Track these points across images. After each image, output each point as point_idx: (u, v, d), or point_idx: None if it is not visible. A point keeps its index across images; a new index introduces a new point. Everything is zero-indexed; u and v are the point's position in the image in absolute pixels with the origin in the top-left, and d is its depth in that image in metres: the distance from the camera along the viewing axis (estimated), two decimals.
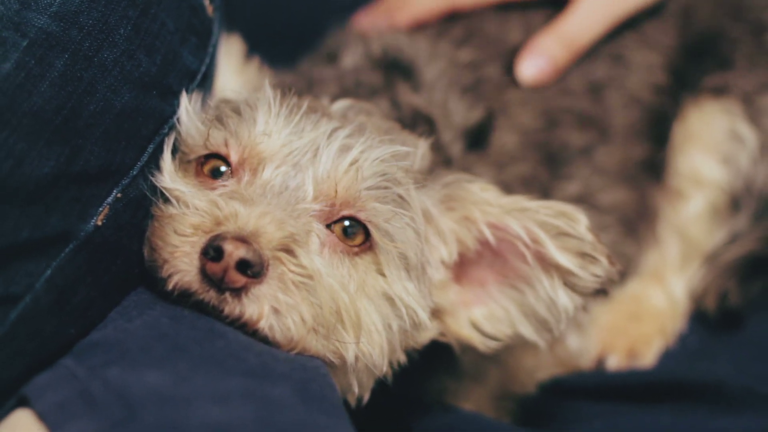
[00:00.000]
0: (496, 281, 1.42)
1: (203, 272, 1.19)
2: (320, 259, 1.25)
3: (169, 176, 1.29)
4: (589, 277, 1.36)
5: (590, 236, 1.35)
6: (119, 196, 1.23)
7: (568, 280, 1.37)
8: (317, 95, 1.52)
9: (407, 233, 1.32)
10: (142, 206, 1.27)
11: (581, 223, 1.35)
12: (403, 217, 1.32)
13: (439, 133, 1.61)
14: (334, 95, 1.54)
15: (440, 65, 1.75)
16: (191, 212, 1.25)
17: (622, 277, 1.71)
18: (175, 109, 1.32)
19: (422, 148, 1.45)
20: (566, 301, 1.38)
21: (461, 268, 1.43)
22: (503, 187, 1.46)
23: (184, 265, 1.21)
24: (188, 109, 1.33)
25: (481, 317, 1.41)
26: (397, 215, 1.31)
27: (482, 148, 1.69)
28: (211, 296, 1.20)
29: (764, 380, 1.62)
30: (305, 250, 1.24)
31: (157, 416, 1.00)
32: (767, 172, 1.85)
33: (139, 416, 1.00)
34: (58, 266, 1.16)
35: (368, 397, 1.37)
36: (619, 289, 1.85)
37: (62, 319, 1.18)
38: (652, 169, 1.87)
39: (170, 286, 1.21)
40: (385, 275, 1.31)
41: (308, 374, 1.16)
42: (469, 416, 1.58)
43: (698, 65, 1.90)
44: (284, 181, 1.29)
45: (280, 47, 1.83)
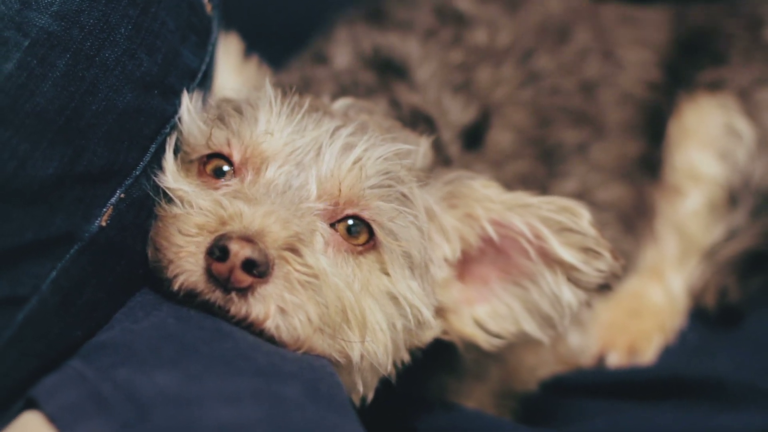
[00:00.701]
0: (499, 278, 1.42)
1: (209, 272, 1.18)
2: (325, 258, 1.25)
3: (171, 176, 1.29)
4: (592, 272, 1.36)
5: (593, 231, 1.35)
6: (122, 196, 1.22)
7: (571, 275, 1.37)
8: (317, 94, 1.52)
9: (411, 231, 1.32)
10: (145, 206, 1.27)
11: (584, 218, 1.35)
12: (406, 215, 1.32)
13: (439, 131, 1.60)
14: (333, 94, 1.54)
15: (432, 65, 1.75)
16: (195, 212, 1.24)
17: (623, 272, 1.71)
18: (176, 108, 1.31)
19: (424, 146, 1.45)
20: (570, 296, 1.38)
21: (464, 266, 1.42)
22: (502, 185, 1.46)
23: (189, 265, 1.20)
24: (189, 108, 1.33)
25: (484, 315, 1.41)
26: (400, 213, 1.31)
27: (479, 147, 1.69)
28: (217, 296, 1.19)
29: (765, 376, 1.63)
30: (310, 249, 1.23)
31: (168, 417, 0.99)
32: (765, 167, 1.86)
33: (150, 417, 0.99)
34: (63, 267, 1.15)
35: (372, 396, 1.36)
36: (618, 286, 1.85)
37: (68, 320, 1.17)
38: (648, 165, 1.87)
39: (176, 286, 1.21)
40: (389, 274, 1.31)
41: (316, 373, 1.16)
42: (471, 414, 1.58)
43: (693, 61, 1.90)
44: (288, 180, 1.29)
45: (275, 46, 1.82)
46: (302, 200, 1.27)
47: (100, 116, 1.18)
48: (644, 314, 1.85)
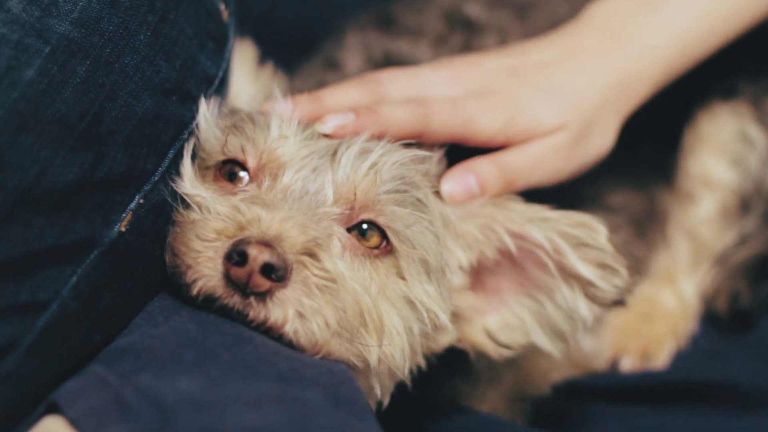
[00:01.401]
0: (511, 290, 1.42)
1: (227, 277, 1.19)
2: (342, 262, 1.25)
3: (189, 182, 1.30)
4: (609, 288, 1.36)
5: (610, 247, 1.35)
6: (141, 201, 1.23)
7: (588, 290, 1.37)
8: None
9: (426, 237, 1.33)
10: (163, 212, 1.27)
11: (601, 233, 1.35)
12: (422, 220, 1.32)
13: None
14: None
15: None
16: (213, 217, 1.25)
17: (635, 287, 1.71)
18: (194, 114, 1.32)
19: (438, 153, 1.45)
20: (585, 311, 1.38)
21: (477, 275, 1.43)
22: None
23: (207, 270, 1.21)
24: (206, 114, 1.33)
25: (495, 326, 1.42)
26: (416, 219, 1.32)
27: None
28: (235, 301, 1.19)
29: None
30: (328, 253, 1.24)
31: (191, 422, 1.00)
32: None
33: (173, 422, 0.99)
34: (83, 273, 1.16)
35: (388, 400, 1.37)
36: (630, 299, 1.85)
37: (88, 325, 1.18)
38: (661, 170, 1.87)
39: (194, 291, 1.21)
40: (405, 278, 1.32)
41: (336, 378, 1.16)
42: (485, 418, 1.58)
43: (705, 66, 1.90)
44: (304, 185, 1.29)
45: (284, 51, 1.83)
46: (319, 205, 1.28)
47: (119, 122, 1.19)
48: (657, 319, 1.85)
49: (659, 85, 1.60)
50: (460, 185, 1.42)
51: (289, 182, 1.29)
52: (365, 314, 1.25)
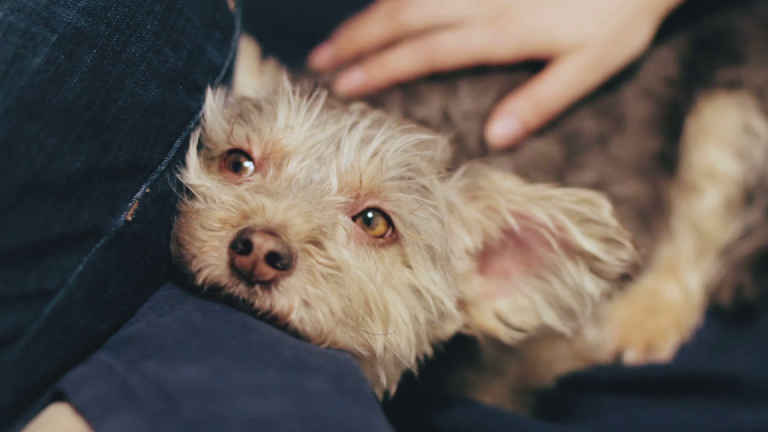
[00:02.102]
0: (519, 271, 1.43)
1: (232, 266, 1.19)
2: (347, 251, 1.26)
3: (194, 172, 1.30)
4: (614, 261, 1.37)
5: (614, 221, 1.35)
6: (148, 191, 1.23)
7: (593, 266, 1.38)
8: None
9: (432, 223, 1.33)
10: (169, 201, 1.28)
11: (605, 208, 1.36)
12: (427, 207, 1.33)
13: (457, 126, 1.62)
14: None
15: None
16: (218, 207, 1.25)
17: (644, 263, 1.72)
18: (200, 104, 1.32)
19: (442, 141, 1.45)
20: (592, 287, 1.38)
21: (485, 259, 1.43)
22: (518, 173, 1.46)
23: (213, 259, 1.21)
24: (212, 104, 1.33)
25: (505, 308, 1.42)
26: (421, 205, 1.32)
27: None
28: (240, 290, 1.20)
29: None
30: (333, 242, 1.24)
31: (197, 410, 1.00)
32: None
33: (179, 410, 1.00)
34: (90, 261, 1.16)
35: (395, 390, 1.37)
36: (638, 277, 1.85)
37: (94, 313, 1.18)
38: (665, 162, 1.87)
39: (200, 280, 1.21)
40: (411, 267, 1.32)
41: (342, 367, 1.16)
42: (490, 410, 1.58)
43: (710, 59, 1.90)
44: (309, 174, 1.29)
45: (289, 44, 1.83)
46: (324, 194, 1.28)
47: (126, 111, 1.19)
48: (660, 311, 1.85)
49: None
50: (503, 129, 1.60)
51: (293, 171, 1.29)
52: (370, 302, 1.25)
